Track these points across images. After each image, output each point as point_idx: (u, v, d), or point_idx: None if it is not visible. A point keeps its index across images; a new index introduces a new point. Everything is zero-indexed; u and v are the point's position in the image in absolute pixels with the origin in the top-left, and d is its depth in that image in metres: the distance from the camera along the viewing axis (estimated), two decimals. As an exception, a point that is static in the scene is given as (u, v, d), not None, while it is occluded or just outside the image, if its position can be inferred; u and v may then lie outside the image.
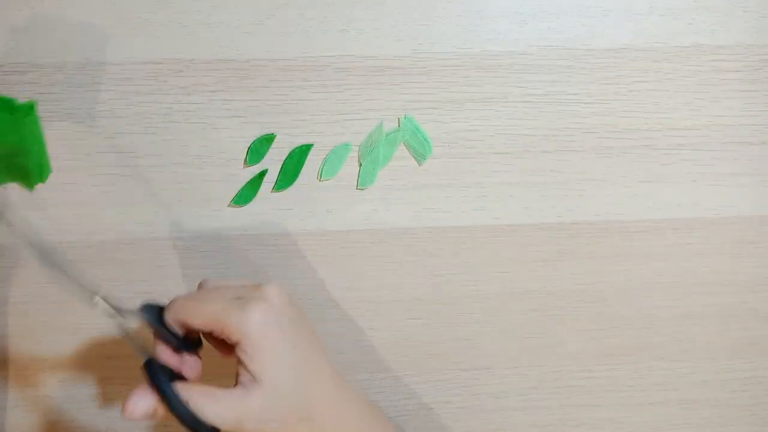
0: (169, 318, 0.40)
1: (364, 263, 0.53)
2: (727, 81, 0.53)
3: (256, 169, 0.52)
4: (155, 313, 0.41)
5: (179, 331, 0.41)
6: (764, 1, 0.53)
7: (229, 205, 0.52)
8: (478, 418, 0.55)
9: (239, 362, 0.39)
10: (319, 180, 0.52)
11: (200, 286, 0.43)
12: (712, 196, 0.54)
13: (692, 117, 0.54)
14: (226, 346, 0.41)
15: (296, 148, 0.52)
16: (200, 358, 0.43)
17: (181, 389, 0.38)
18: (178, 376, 0.41)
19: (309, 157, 0.52)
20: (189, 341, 0.42)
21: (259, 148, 0.52)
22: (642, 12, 0.53)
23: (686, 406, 0.56)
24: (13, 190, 0.41)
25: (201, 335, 0.43)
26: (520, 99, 0.53)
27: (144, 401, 0.38)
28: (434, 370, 0.55)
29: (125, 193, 0.51)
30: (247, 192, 0.52)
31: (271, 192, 0.52)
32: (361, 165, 0.52)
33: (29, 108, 0.38)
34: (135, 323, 0.41)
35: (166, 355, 0.41)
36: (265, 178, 0.52)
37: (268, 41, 0.51)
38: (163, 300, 0.42)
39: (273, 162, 0.52)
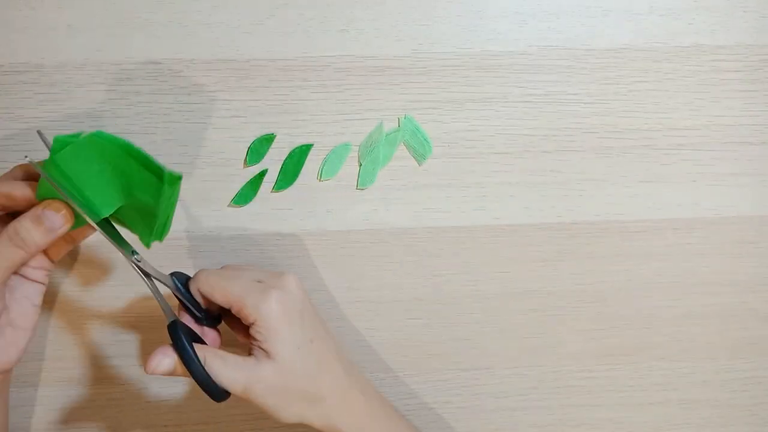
0: (193, 288, 0.44)
1: (364, 263, 0.53)
2: (727, 81, 0.53)
3: (256, 169, 0.52)
4: (182, 282, 0.44)
5: (202, 303, 0.44)
6: (764, 1, 0.53)
7: (229, 205, 0.52)
8: (478, 418, 0.55)
9: (254, 340, 0.42)
10: (319, 180, 0.52)
11: (224, 268, 0.46)
12: (712, 196, 0.54)
13: (692, 117, 0.54)
14: (241, 327, 0.44)
15: (296, 148, 0.52)
16: (219, 332, 0.46)
17: (199, 350, 0.41)
18: (200, 340, 0.43)
19: (309, 157, 0.52)
20: (210, 315, 0.45)
21: (259, 148, 0.52)
22: (642, 12, 0.53)
23: (686, 406, 0.56)
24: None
25: (221, 312, 0.46)
26: (520, 99, 0.53)
27: (167, 359, 0.41)
28: (434, 370, 0.55)
29: (125, 193, 0.51)
30: (247, 192, 0.52)
31: (271, 192, 0.52)
32: (361, 165, 0.52)
33: (175, 179, 0.39)
34: (165, 287, 0.43)
35: (187, 323, 0.44)
36: (265, 178, 0.52)
37: (268, 41, 0.51)
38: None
39: (273, 162, 0.52)
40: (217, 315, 0.46)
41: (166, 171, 0.39)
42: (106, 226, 0.42)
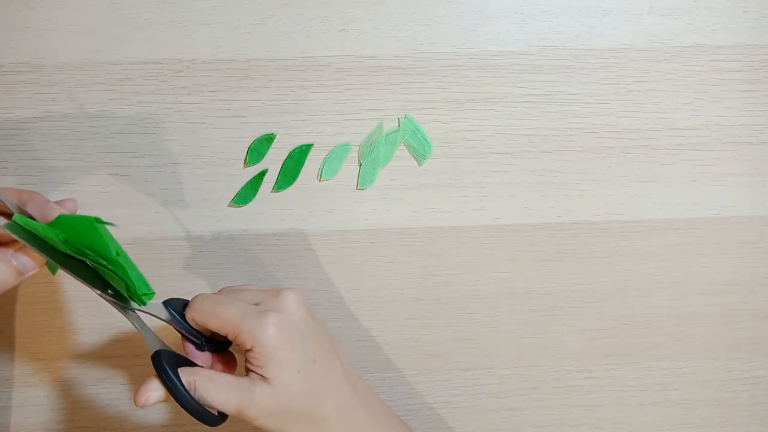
0: (188, 317, 0.42)
1: (364, 263, 0.53)
2: (727, 81, 0.53)
3: (256, 169, 0.52)
4: (178, 309, 0.42)
5: (201, 331, 0.43)
6: (764, 1, 0.53)
7: (229, 205, 0.52)
8: (478, 418, 0.55)
9: (250, 364, 0.40)
10: (319, 180, 0.52)
11: (221, 292, 0.44)
12: (712, 196, 0.54)
13: (692, 117, 0.54)
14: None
15: (296, 148, 0.52)
16: (233, 355, 0.44)
17: (187, 374, 0.39)
18: (188, 363, 0.42)
19: (309, 157, 0.52)
20: (216, 341, 0.43)
21: (259, 148, 0.52)
22: (642, 12, 0.53)
23: (686, 406, 0.56)
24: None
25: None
26: (520, 99, 0.53)
27: (155, 393, 0.39)
28: (434, 370, 0.55)
29: (125, 193, 0.51)
30: (247, 192, 0.52)
31: (271, 192, 0.52)
32: (361, 165, 0.52)
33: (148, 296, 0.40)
34: (154, 317, 0.42)
35: (190, 352, 0.43)
36: (265, 178, 0.52)
37: (268, 41, 0.51)
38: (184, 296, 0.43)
39: (273, 162, 0.52)
40: (225, 340, 0.43)
41: (140, 291, 0.39)
42: (75, 266, 0.39)
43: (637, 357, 0.55)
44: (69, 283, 0.52)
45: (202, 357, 0.43)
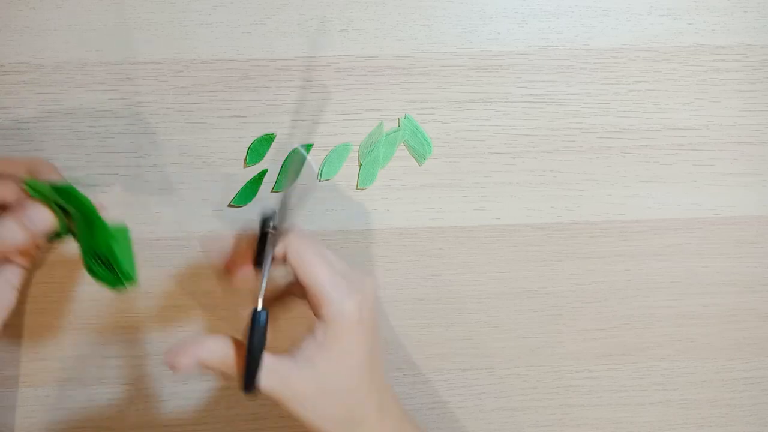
0: (279, 251, 0.41)
1: (364, 263, 0.53)
2: (727, 81, 0.53)
3: (256, 169, 0.52)
4: (269, 221, 0.41)
5: (279, 258, 0.41)
6: (764, 1, 0.53)
7: (229, 205, 0.52)
8: (478, 418, 0.55)
9: (309, 334, 0.40)
10: (319, 180, 0.52)
11: (309, 240, 0.42)
12: (712, 196, 0.54)
13: (692, 117, 0.54)
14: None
15: (296, 148, 0.52)
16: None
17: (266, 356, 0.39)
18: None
19: (309, 157, 0.52)
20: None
21: (259, 148, 0.52)
22: (642, 12, 0.53)
23: (686, 406, 0.56)
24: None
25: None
26: (520, 99, 0.53)
27: (224, 352, 0.39)
28: (434, 370, 0.55)
29: (125, 193, 0.51)
30: (247, 192, 0.52)
31: (271, 192, 0.52)
32: (361, 165, 0.52)
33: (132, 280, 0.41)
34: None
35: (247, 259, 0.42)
36: (265, 178, 0.52)
37: (268, 41, 0.51)
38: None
39: (273, 162, 0.52)
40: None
41: (125, 273, 0.40)
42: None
43: (636, 357, 0.55)
44: (69, 283, 0.52)
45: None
